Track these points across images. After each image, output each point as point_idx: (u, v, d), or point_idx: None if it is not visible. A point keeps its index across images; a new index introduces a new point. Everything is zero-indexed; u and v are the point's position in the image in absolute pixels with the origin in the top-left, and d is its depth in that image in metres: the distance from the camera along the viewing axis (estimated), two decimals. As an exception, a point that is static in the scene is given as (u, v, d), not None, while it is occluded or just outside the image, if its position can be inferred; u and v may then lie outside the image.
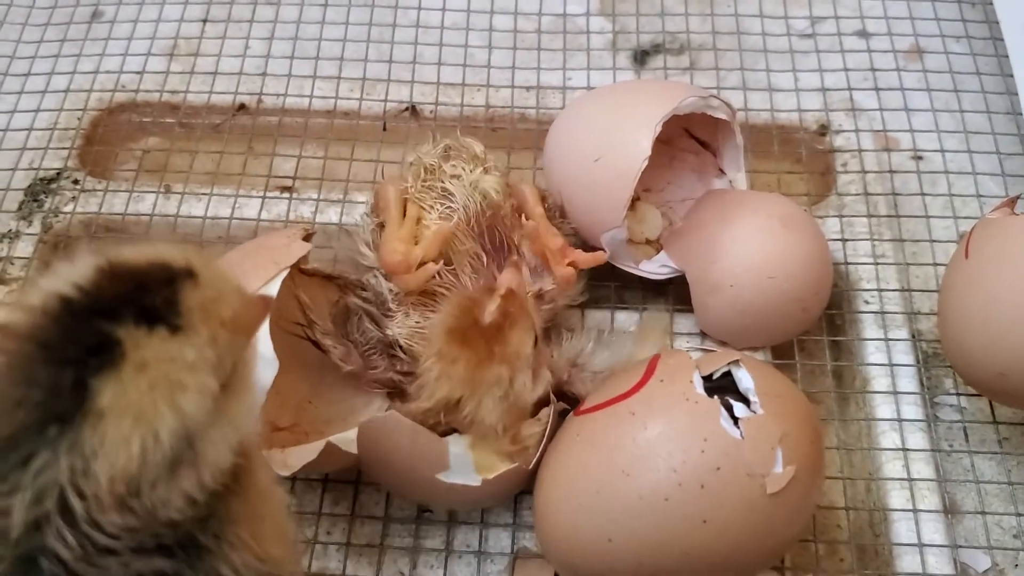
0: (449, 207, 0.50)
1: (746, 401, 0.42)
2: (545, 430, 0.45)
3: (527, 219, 0.51)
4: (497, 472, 0.44)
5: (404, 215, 0.51)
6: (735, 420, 0.41)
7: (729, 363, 0.43)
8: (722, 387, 0.43)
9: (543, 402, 0.46)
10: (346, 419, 0.49)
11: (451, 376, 0.43)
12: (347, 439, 0.44)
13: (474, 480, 0.44)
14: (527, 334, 0.44)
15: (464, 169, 0.51)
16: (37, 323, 0.28)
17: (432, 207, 0.50)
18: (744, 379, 0.43)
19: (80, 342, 0.28)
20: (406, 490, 0.48)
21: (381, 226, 0.51)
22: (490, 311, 0.43)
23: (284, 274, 0.45)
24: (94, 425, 0.27)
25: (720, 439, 0.40)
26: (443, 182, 0.50)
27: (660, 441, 0.41)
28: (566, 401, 0.47)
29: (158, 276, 0.29)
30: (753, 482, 0.40)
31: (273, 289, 0.45)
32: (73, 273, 0.29)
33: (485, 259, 0.49)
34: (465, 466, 0.44)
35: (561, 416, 0.46)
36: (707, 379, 0.43)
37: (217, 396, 0.29)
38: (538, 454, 0.45)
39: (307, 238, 0.48)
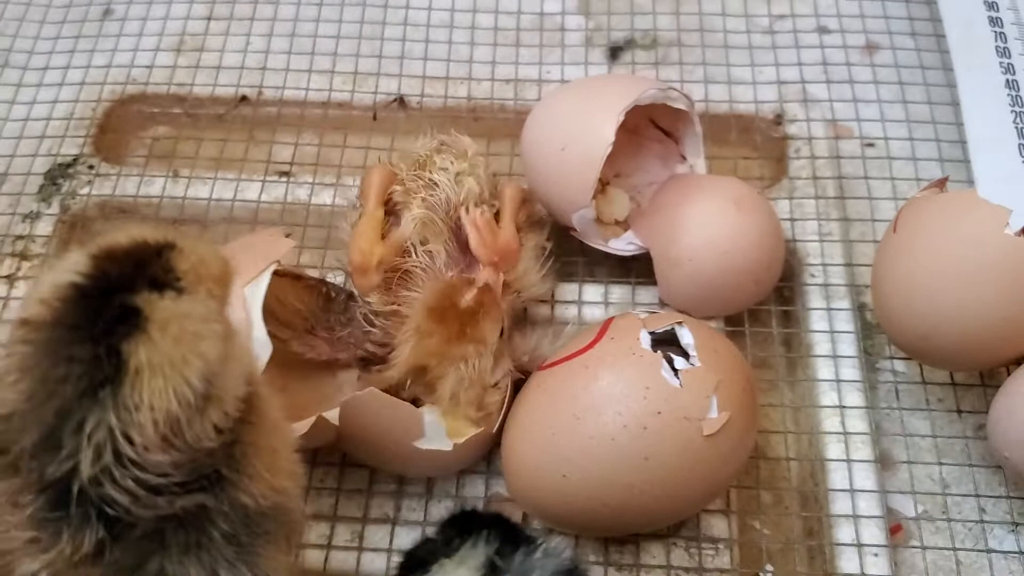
0: (432, 195, 0.54)
1: (686, 355, 0.47)
2: (504, 398, 0.50)
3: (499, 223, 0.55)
4: (466, 437, 0.49)
5: (384, 204, 0.55)
6: (675, 371, 0.46)
7: (673, 323, 0.49)
8: (666, 343, 0.48)
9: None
10: (320, 404, 0.52)
11: (424, 348, 0.49)
12: (332, 415, 0.48)
13: (446, 445, 0.49)
14: (495, 325, 0.49)
15: (452, 163, 0.55)
16: (59, 309, 0.32)
17: (417, 194, 0.54)
18: (685, 336, 0.48)
19: (106, 316, 0.32)
20: (385, 461, 0.52)
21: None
22: (467, 298, 0.49)
23: (272, 268, 0.49)
24: (133, 383, 0.31)
25: (661, 387, 0.46)
26: (431, 173, 0.55)
27: (608, 389, 0.46)
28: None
29: (147, 251, 0.34)
30: (690, 425, 0.45)
31: (262, 284, 0.49)
32: (72, 265, 0.33)
33: (458, 248, 0.53)
34: (438, 433, 0.49)
35: (516, 387, 0.51)
36: (653, 336, 0.48)
37: (224, 338, 0.34)
38: (500, 418, 0.50)
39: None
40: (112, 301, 0.32)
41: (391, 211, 0.55)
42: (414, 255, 0.53)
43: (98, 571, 0.33)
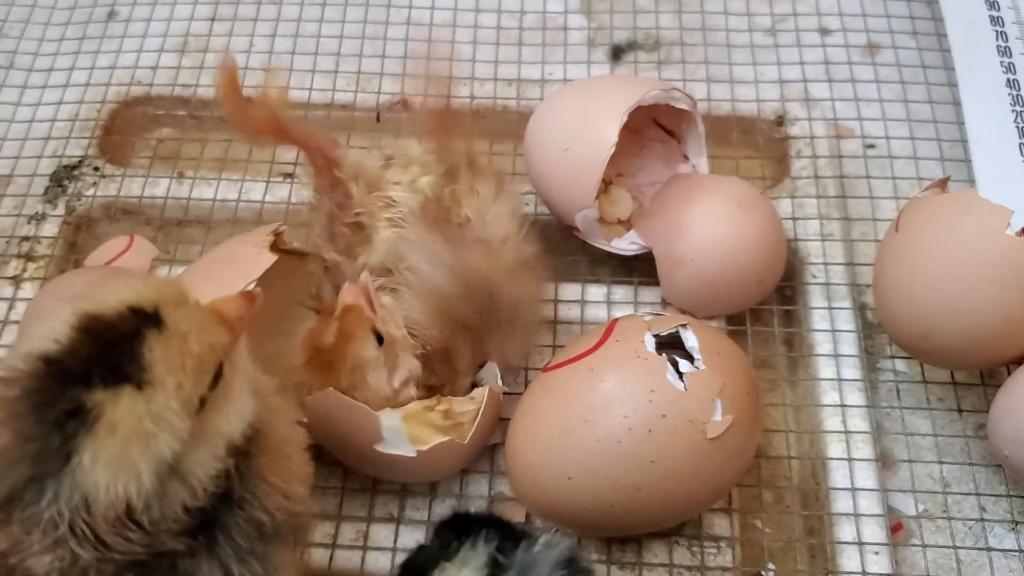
0: (395, 212, 0.52)
1: (691, 358, 0.48)
2: (480, 408, 0.49)
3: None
4: (431, 444, 0.48)
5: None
6: (680, 374, 0.47)
7: (677, 325, 0.49)
8: (671, 345, 0.48)
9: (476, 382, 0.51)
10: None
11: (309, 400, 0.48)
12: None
13: (409, 451, 0.48)
14: (365, 341, 0.48)
15: (403, 172, 0.53)
16: (27, 385, 0.33)
17: (380, 215, 0.52)
18: (690, 339, 0.48)
19: (59, 406, 0.32)
20: (355, 462, 0.52)
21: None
22: (326, 337, 0.48)
23: (251, 286, 0.47)
24: (83, 476, 0.32)
25: (666, 390, 0.46)
26: (386, 191, 0.52)
27: (614, 392, 0.46)
28: None
29: (125, 329, 0.33)
30: (695, 428, 0.46)
31: None
32: (52, 333, 0.33)
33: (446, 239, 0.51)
34: (399, 438, 0.48)
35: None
36: (658, 339, 0.48)
37: (191, 429, 0.33)
38: (473, 429, 0.49)
39: (276, 239, 0.51)
40: (67, 394, 0.32)
41: (359, 229, 0.53)
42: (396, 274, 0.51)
43: (109, 568, 0.33)
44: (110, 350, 0.33)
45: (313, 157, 0.53)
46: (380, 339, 0.49)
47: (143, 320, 0.33)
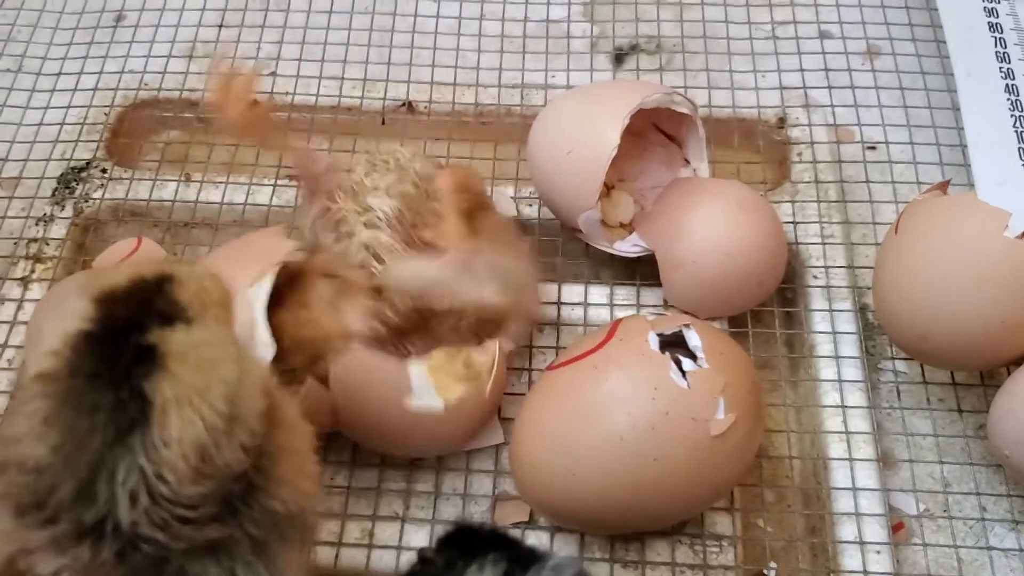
0: (372, 218, 0.51)
1: (694, 357, 0.48)
2: (495, 359, 0.50)
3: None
4: (457, 394, 0.49)
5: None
6: (683, 373, 0.47)
7: (681, 325, 0.49)
8: (674, 345, 0.49)
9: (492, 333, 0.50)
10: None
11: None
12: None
13: (437, 403, 0.48)
14: (316, 286, 0.48)
15: (383, 177, 0.52)
16: (73, 359, 0.33)
17: (359, 219, 0.51)
18: (693, 338, 0.49)
19: (123, 359, 0.32)
20: (374, 431, 0.51)
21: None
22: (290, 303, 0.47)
23: (275, 270, 0.48)
24: (161, 421, 0.31)
25: (669, 388, 0.46)
26: (366, 197, 0.51)
27: (617, 390, 0.47)
28: None
29: (148, 287, 0.34)
30: (698, 426, 0.46)
31: (265, 286, 0.48)
32: (77, 312, 0.34)
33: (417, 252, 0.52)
34: (427, 388, 0.48)
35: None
36: (662, 338, 0.49)
37: (238, 359, 0.34)
38: (491, 380, 0.50)
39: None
40: (126, 343, 0.33)
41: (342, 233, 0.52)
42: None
43: (119, 572, 0.33)
44: (145, 302, 0.34)
45: (298, 167, 0.54)
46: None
47: (157, 279, 0.34)
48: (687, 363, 0.48)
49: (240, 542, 0.35)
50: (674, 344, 0.49)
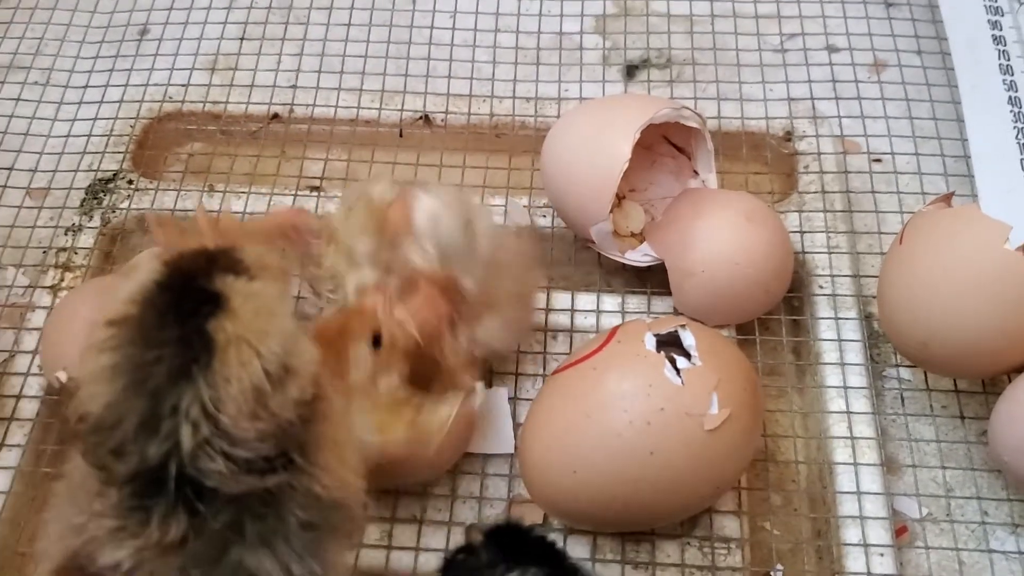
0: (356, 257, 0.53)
1: (688, 356, 0.50)
2: (448, 419, 0.50)
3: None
4: (396, 438, 0.48)
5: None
6: (677, 371, 0.49)
7: (676, 326, 0.51)
8: (670, 345, 0.51)
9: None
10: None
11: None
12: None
13: (371, 439, 0.47)
14: (361, 340, 0.49)
15: (356, 218, 0.54)
16: (147, 297, 0.35)
17: (344, 265, 0.53)
18: (687, 338, 0.51)
19: (190, 299, 0.35)
20: None
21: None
22: (331, 327, 0.49)
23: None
24: (221, 358, 0.34)
25: (664, 385, 0.48)
26: (344, 241, 0.53)
27: (614, 388, 0.49)
28: None
29: (210, 251, 0.37)
30: (692, 421, 0.48)
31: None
32: (150, 270, 0.36)
33: None
34: (366, 422, 0.48)
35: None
36: (658, 338, 0.51)
37: (293, 320, 0.37)
38: (439, 440, 0.49)
39: None
40: (193, 286, 0.35)
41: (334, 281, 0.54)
42: None
43: (180, 560, 0.35)
44: (212, 258, 0.36)
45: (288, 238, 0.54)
46: (377, 341, 0.49)
47: (222, 247, 0.37)
48: (681, 361, 0.49)
49: (294, 535, 0.37)
50: (670, 344, 0.51)
